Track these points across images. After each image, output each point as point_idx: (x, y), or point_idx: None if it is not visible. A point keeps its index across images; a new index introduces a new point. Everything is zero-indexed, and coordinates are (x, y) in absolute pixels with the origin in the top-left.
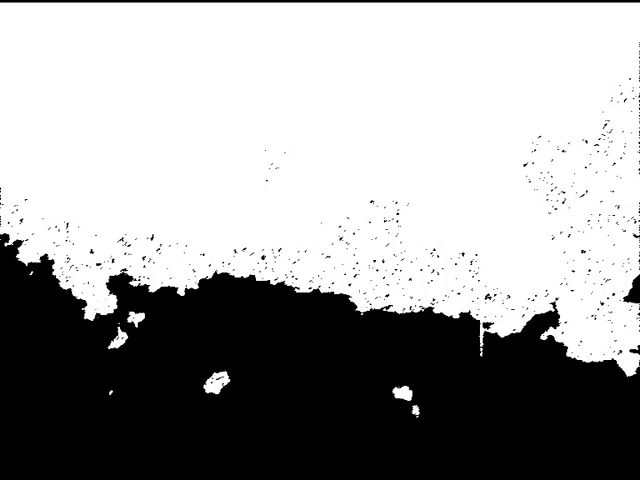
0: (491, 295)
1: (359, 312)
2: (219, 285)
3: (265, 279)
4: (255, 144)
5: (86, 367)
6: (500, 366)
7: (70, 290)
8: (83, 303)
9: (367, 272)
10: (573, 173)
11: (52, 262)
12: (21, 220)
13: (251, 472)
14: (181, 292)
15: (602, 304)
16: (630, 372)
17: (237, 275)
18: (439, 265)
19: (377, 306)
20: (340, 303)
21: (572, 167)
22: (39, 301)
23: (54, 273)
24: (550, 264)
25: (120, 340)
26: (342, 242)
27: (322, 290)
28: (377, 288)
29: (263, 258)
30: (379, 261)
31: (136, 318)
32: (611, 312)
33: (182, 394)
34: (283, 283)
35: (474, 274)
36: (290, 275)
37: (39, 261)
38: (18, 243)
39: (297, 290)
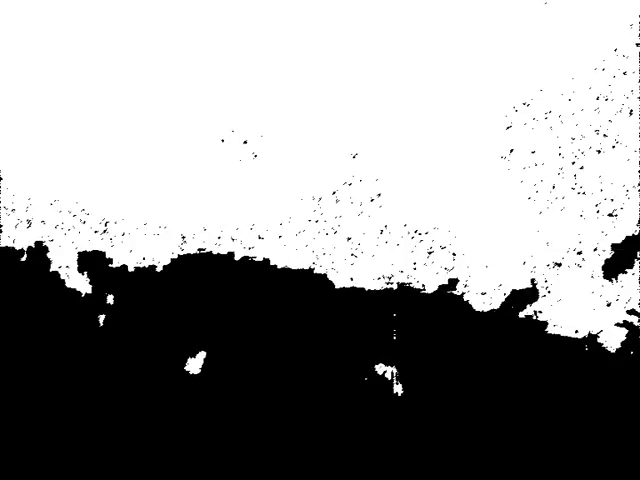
0: (470, 273)
1: (337, 289)
2: (197, 264)
3: (243, 256)
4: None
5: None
6: (480, 344)
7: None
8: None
9: (346, 250)
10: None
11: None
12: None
13: (234, 461)
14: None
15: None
16: (612, 348)
17: (217, 252)
18: (419, 244)
19: (353, 283)
20: (318, 281)
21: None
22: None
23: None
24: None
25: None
26: (320, 220)
27: (300, 267)
28: (355, 265)
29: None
30: (358, 239)
31: (113, 299)
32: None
33: (164, 374)
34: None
35: (453, 253)
36: (267, 252)
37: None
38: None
39: (275, 267)
